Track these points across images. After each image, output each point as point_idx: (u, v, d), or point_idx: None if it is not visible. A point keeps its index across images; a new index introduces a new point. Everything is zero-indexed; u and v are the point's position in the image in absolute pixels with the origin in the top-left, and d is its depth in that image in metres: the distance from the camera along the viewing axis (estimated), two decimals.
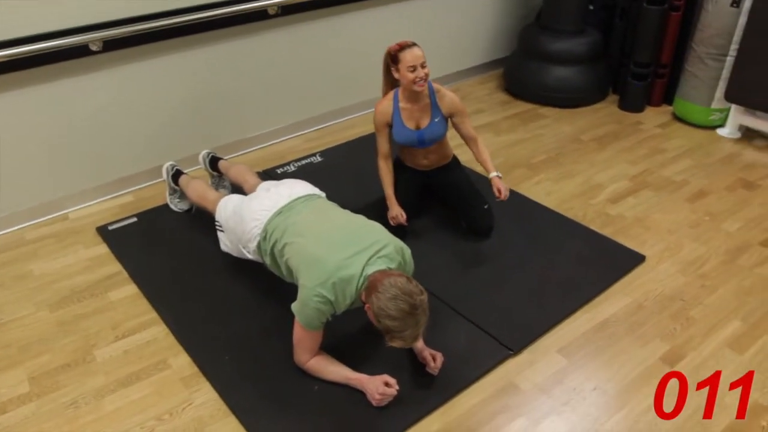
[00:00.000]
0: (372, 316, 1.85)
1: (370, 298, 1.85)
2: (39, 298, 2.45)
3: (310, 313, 1.92)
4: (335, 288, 1.90)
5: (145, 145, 3.07)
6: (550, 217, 2.86)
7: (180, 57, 2.98)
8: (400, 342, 1.83)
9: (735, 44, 3.31)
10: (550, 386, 2.04)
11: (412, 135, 2.61)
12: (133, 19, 2.77)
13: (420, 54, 2.42)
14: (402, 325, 1.79)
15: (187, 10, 2.89)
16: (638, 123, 3.73)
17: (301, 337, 2.00)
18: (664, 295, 2.41)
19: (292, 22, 3.27)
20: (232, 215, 2.34)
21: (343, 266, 1.91)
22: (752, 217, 2.85)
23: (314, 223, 2.10)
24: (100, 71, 2.79)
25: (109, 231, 2.81)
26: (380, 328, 1.84)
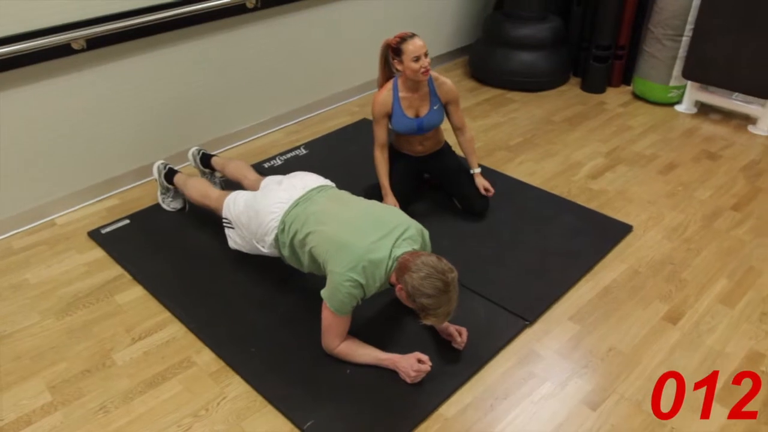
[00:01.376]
0: (405, 295, 1.92)
1: (403, 278, 1.91)
2: (42, 307, 2.37)
3: (342, 298, 1.96)
4: (365, 271, 1.95)
5: (128, 145, 3.00)
6: (538, 195, 2.99)
7: (161, 54, 2.93)
8: (435, 319, 1.91)
9: (690, 24, 3.54)
10: (569, 351, 2.16)
11: (411, 123, 2.67)
12: (116, 15, 2.70)
13: (422, 44, 2.48)
14: (437, 303, 1.86)
15: (170, 6, 2.84)
16: (602, 103, 3.92)
17: (331, 322, 2.04)
18: (655, 261, 2.58)
19: (269, 15, 3.27)
20: (244, 211, 2.33)
21: (371, 249, 1.96)
22: (720, 184, 3.08)
23: (335, 211, 2.13)
24: (81, 71, 2.71)
25: (102, 234, 2.74)
26: (415, 307, 1.91)
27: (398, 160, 2.82)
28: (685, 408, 1.94)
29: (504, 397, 2.00)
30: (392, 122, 2.69)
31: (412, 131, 2.70)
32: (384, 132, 2.70)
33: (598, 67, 3.95)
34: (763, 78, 3.32)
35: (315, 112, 3.78)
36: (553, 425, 1.90)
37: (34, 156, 2.71)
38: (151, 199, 2.98)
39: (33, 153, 2.70)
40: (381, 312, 2.32)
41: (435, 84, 2.66)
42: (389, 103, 2.65)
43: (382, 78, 2.72)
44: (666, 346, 2.18)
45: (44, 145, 2.72)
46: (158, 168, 2.83)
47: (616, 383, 2.04)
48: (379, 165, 2.73)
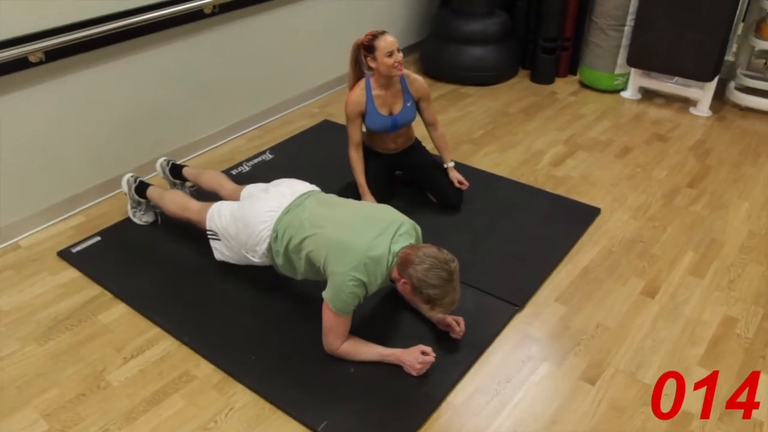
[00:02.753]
0: (409, 289, 1.95)
1: (406, 272, 1.94)
2: (20, 333, 2.26)
3: (345, 298, 1.98)
4: (367, 269, 1.97)
5: (90, 160, 2.89)
6: (506, 184, 3.09)
7: (119, 64, 2.84)
8: (441, 309, 1.95)
9: (632, 15, 3.73)
10: (560, 331, 2.25)
11: (385, 121, 2.70)
12: (72, 26, 2.60)
13: (394, 40, 2.52)
14: (443, 292, 1.91)
15: (126, 14, 2.76)
16: (553, 93, 4.08)
17: (333, 323, 2.04)
18: (625, 239, 2.71)
19: (225, 20, 3.22)
20: (231, 222, 2.30)
21: (371, 247, 1.98)
22: (673, 164, 3.26)
23: (328, 214, 2.14)
24: (39, 84, 2.59)
25: (73, 254, 2.64)
26: (420, 300, 1.95)
27: (371, 158, 2.85)
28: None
29: (507, 380, 2.06)
30: (366, 121, 2.71)
31: (386, 129, 2.73)
32: (358, 131, 2.72)
33: (547, 58, 4.11)
34: (702, 62, 3.55)
35: (275, 116, 3.75)
36: (558, 402, 1.98)
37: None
38: (119, 213, 2.88)
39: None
40: (376, 309, 2.34)
41: (407, 81, 2.70)
42: (363, 102, 2.67)
43: (352, 79, 2.74)
44: (648, 318, 2.30)
45: (2, 165, 2.59)
46: (128, 181, 2.74)
47: (609, 357, 2.14)
48: (355, 164, 2.75)
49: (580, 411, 1.96)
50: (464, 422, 1.92)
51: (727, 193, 3.01)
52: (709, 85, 3.67)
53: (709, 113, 3.76)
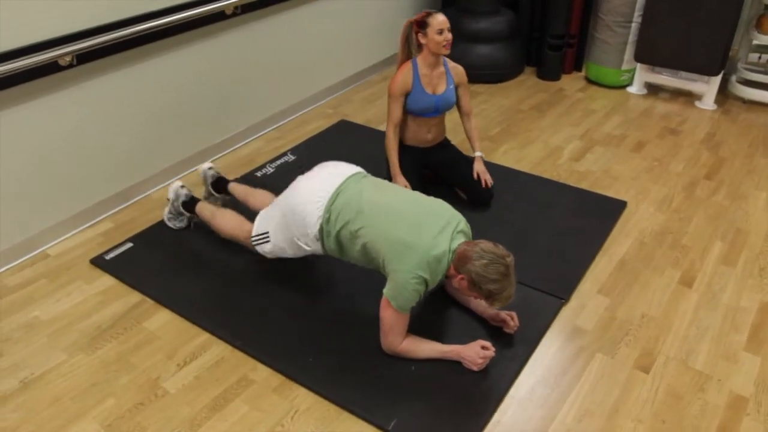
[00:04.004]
0: (466, 285, 1.98)
1: (465, 268, 1.96)
2: (65, 344, 2.21)
3: (408, 296, 1.99)
4: (430, 267, 1.98)
5: (115, 165, 2.84)
6: (531, 180, 3.13)
7: (142, 68, 2.79)
8: (500, 303, 1.98)
9: (638, 11, 3.81)
10: (607, 322, 2.30)
11: (430, 99, 2.75)
12: (91, 31, 2.54)
13: (445, 19, 2.62)
14: (502, 287, 1.94)
15: (150, 17, 2.72)
16: (561, 90, 4.14)
17: (394, 321, 2.05)
18: (655, 231, 2.78)
19: (244, 21, 3.19)
20: (280, 217, 2.28)
21: (433, 246, 1.99)
22: (688, 157, 3.35)
23: (386, 201, 2.13)
24: (68, 88, 2.54)
25: (106, 261, 2.59)
26: (480, 295, 1.97)
27: (404, 154, 2.86)
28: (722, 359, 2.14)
29: (563, 372, 2.10)
30: (410, 100, 2.75)
31: (430, 109, 2.77)
32: (400, 109, 2.76)
33: (553, 55, 4.17)
34: (709, 57, 3.65)
35: (291, 116, 3.73)
36: (617, 391, 2.02)
37: (18, 184, 2.51)
38: (147, 218, 2.84)
39: (16, 181, 2.50)
40: (426, 307, 2.35)
41: (449, 66, 2.79)
42: (410, 81, 2.72)
43: (401, 58, 2.80)
44: (689, 307, 2.36)
45: (28, 172, 2.53)
46: (176, 192, 2.70)
47: (658, 346, 2.20)
48: (390, 142, 2.79)
49: (640, 399, 2.00)
50: (531, 414, 1.95)
51: (744, 184, 3.11)
52: (714, 79, 3.77)
53: (714, 107, 3.87)
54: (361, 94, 4.06)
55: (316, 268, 2.53)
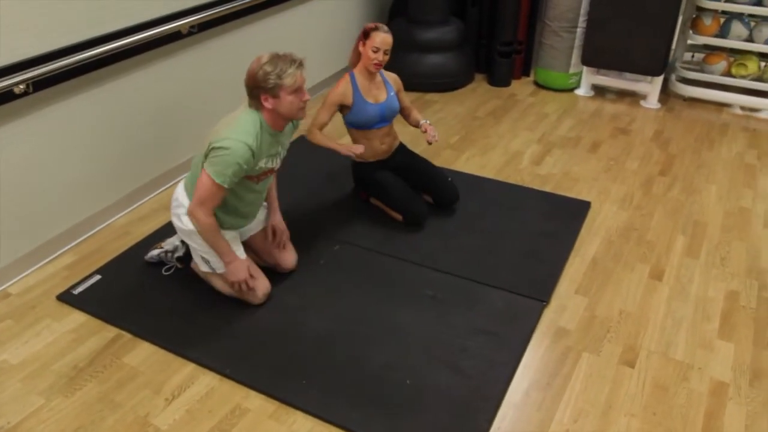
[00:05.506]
0: (270, 98, 2.15)
1: (254, 93, 2.17)
2: (41, 387, 2.10)
3: (229, 161, 2.13)
4: (250, 135, 2.17)
5: (74, 194, 2.71)
6: (497, 186, 3.19)
7: (98, 93, 2.68)
8: (300, 69, 2.15)
9: (583, 16, 3.96)
10: (588, 321, 2.37)
11: (375, 109, 2.76)
12: (55, 53, 2.44)
13: (389, 41, 2.66)
14: (278, 64, 2.11)
15: (113, 37, 2.63)
16: (513, 95, 4.25)
17: (208, 191, 2.17)
18: (620, 229, 2.89)
19: (203, 39, 3.13)
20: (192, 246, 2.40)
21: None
22: (641, 155, 3.50)
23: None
24: (24, 117, 2.41)
25: (75, 296, 2.47)
26: (281, 90, 2.13)
27: (375, 170, 2.86)
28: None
29: (554, 373, 2.15)
30: (354, 114, 2.76)
31: (376, 119, 2.78)
32: (328, 116, 2.77)
33: (503, 62, 4.27)
34: (652, 58, 3.83)
35: None
36: (608, 388, 2.08)
37: None
38: (113, 248, 2.73)
39: None
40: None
41: (384, 75, 2.85)
42: (349, 94, 2.73)
43: (353, 59, 2.81)
44: (662, 300, 2.46)
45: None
46: (175, 245, 2.63)
47: (639, 340, 2.28)
48: (320, 137, 2.78)
49: (630, 394, 2.07)
50: (529, 418, 1.98)
51: (696, 178, 3.27)
52: (657, 79, 3.96)
53: (658, 105, 4.06)
54: (315, 108, 4.02)
55: (296, 289, 2.49)
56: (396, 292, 2.49)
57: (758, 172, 3.37)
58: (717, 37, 3.94)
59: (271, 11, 3.57)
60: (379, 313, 2.37)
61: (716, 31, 3.93)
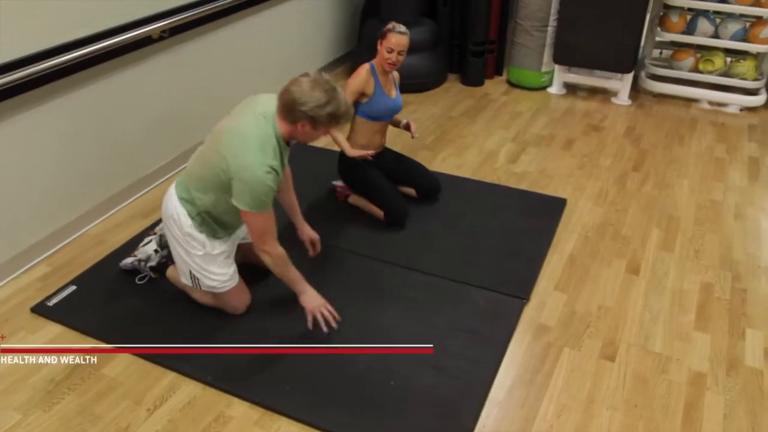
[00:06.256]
0: (310, 127, 2.02)
1: (296, 112, 1.99)
2: (18, 402, 2.04)
3: (263, 191, 2.02)
4: (265, 148, 2.02)
5: (45, 204, 2.65)
6: (474, 185, 3.21)
7: (64, 101, 2.62)
8: (345, 119, 2.08)
9: (554, 15, 4.01)
10: (568, 317, 2.39)
11: (389, 102, 2.84)
12: (23, 61, 2.38)
13: (404, 43, 2.71)
14: (337, 102, 2.01)
15: (81, 43, 2.58)
16: (486, 94, 4.28)
17: (262, 224, 2.08)
18: (596, 225, 2.92)
19: (175, 44, 3.08)
20: (177, 249, 2.29)
21: (258, 124, 2.05)
22: (614, 151, 3.55)
23: (202, 151, 2.23)
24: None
25: (50, 308, 2.41)
26: (325, 129, 2.07)
27: (368, 167, 2.88)
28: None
29: (537, 370, 2.17)
30: (372, 104, 2.80)
31: (388, 112, 2.87)
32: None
33: (476, 61, 4.30)
34: (622, 56, 3.89)
35: None
36: (589, 382, 2.11)
37: None
38: (87, 257, 2.68)
39: None
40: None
41: (393, 73, 2.91)
42: (371, 82, 2.79)
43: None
44: (640, 294, 2.50)
45: None
46: (148, 255, 2.54)
47: (618, 334, 2.31)
48: (335, 131, 2.78)
49: (611, 387, 2.10)
50: (513, 416, 2.00)
51: (668, 173, 3.33)
52: (627, 76, 4.03)
53: (629, 102, 4.12)
54: None
55: (277, 291, 2.47)
56: (377, 293, 2.49)
57: (728, 165, 3.44)
58: (684, 34, 4.02)
59: (243, 14, 3.54)
60: (361, 315, 2.36)
61: (683, 28, 4.02)
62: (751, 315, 2.41)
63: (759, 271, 2.63)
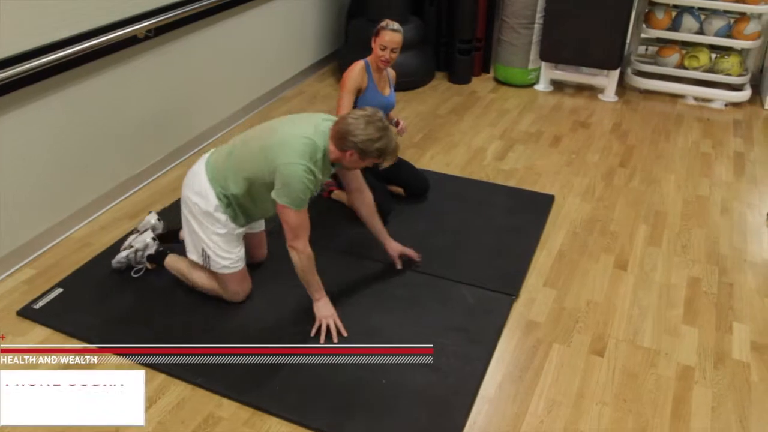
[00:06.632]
0: (357, 156, 2.13)
1: (347, 142, 2.10)
2: None
3: (300, 188, 2.10)
4: (312, 158, 2.11)
5: (29, 207, 2.63)
6: (462, 183, 3.22)
7: (56, 98, 2.60)
8: (392, 157, 2.17)
9: (540, 13, 4.02)
10: (557, 313, 2.40)
11: (382, 100, 2.84)
12: (5, 62, 2.36)
13: (397, 40, 2.72)
14: (387, 140, 2.12)
15: (65, 43, 2.55)
16: (474, 92, 4.28)
17: (297, 220, 2.14)
18: (584, 221, 2.94)
19: (160, 43, 3.06)
20: (193, 225, 2.31)
21: (309, 135, 2.13)
22: (601, 147, 3.57)
23: (251, 131, 2.30)
24: None
25: (37, 310, 2.39)
26: (370, 160, 2.15)
27: None
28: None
29: (526, 366, 2.17)
30: (364, 100, 2.77)
31: (380, 108, 2.76)
32: (352, 104, 2.78)
33: (463, 59, 4.31)
34: (608, 52, 3.91)
35: (210, 139, 3.61)
36: (579, 377, 2.12)
37: None
38: (73, 260, 2.65)
39: None
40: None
41: (388, 70, 2.90)
42: (365, 78, 2.79)
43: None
44: (628, 289, 2.52)
45: None
46: (146, 243, 2.53)
47: (607, 329, 2.32)
48: None
49: (600, 382, 2.11)
50: (504, 411, 2.00)
51: (655, 169, 3.35)
52: (614, 73, 4.05)
53: (616, 98, 4.15)
54: (280, 110, 4.01)
55: (265, 293, 2.46)
56: (367, 292, 2.49)
57: (713, 160, 3.47)
58: (669, 31, 4.05)
59: (230, 13, 3.52)
60: (351, 315, 2.35)
61: (668, 25, 4.05)
62: (738, 309, 2.43)
63: (745, 265, 2.66)
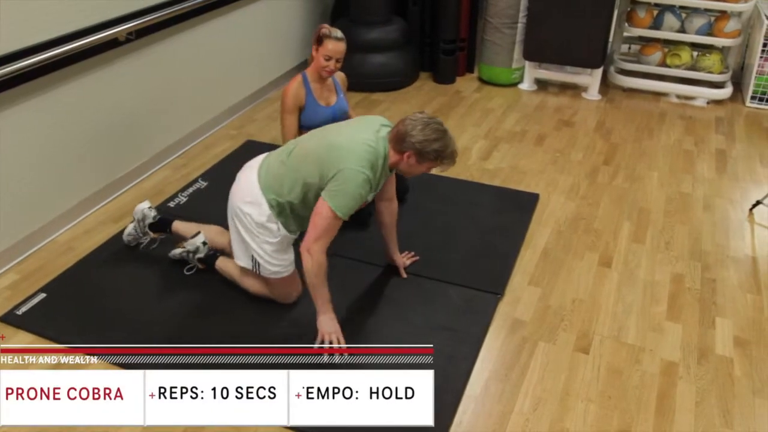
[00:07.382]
0: (415, 158, 2.11)
1: (405, 143, 2.09)
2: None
3: (352, 193, 2.07)
4: (372, 165, 2.09)
5: (11, 211, 2.60)
6: (448, 182, 3.22)
7: (36, 102, 2.58)
8: (450, 160, 2.16)
9: (523, 12, 4.04)
10: (543, 312, 2.41)
11: (326, 112, 2.75)
12: None
13: (342, 50, 2.62)
14: (445, 143, 2.11)
15: (46, 46, 2.53)
16: (458, 92, 4.29)
17: (329, 225, 2.10)
18: (569, 219, 2.95)
19: (142, 46, 3.04)
20: (238, 236, 2.28)
21: (371, 142, 2.11)
22: (585, 146, 3.59)
23: (309, 136, 2.29)
24: None
25: (19, 316, 2.36)
26: (429, 161, 2.13)
27: None
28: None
29: (512, 365, 2.18)
30: (306, 117, 2.74)
31: (326, 121, 2.74)
32: (296, 124, 2.74)
33: (447, 59, 4.32)
34: (591, 51, 3.94)
35: (194, 141, 3.59)
36: (564, 375, 2.13)
37: None
38: (56, 265, 2.63)
39: None
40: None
41: (334, 75, 2.81)
42: (302, 94, 2.71)
43: (311, 59, 2.77)
44: (612, 286, 2.54)
45: None
46: (143, 212, 2.60)
47: (592, 326, 2.34)
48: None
49: (586, 379, 2.12)
50: (489, 410, 2.01)
51: (638, 166, 3.38)
52: (597, 71, 4.08)
53: (599, 97, 4.18)
54: (264, 111, 3.99)
55: (250, 299, 2.45)
56: (353, 294, 2.49)
57: (696, 158, 3.51)
58: (651, 29, 4.09)
59: (212, 15, 3.51)
60: (336, 315, 2.35)
61: (650, 23, 4.08)
62: (721, 304, 2.45)
63: (728, 261, 2.69)
